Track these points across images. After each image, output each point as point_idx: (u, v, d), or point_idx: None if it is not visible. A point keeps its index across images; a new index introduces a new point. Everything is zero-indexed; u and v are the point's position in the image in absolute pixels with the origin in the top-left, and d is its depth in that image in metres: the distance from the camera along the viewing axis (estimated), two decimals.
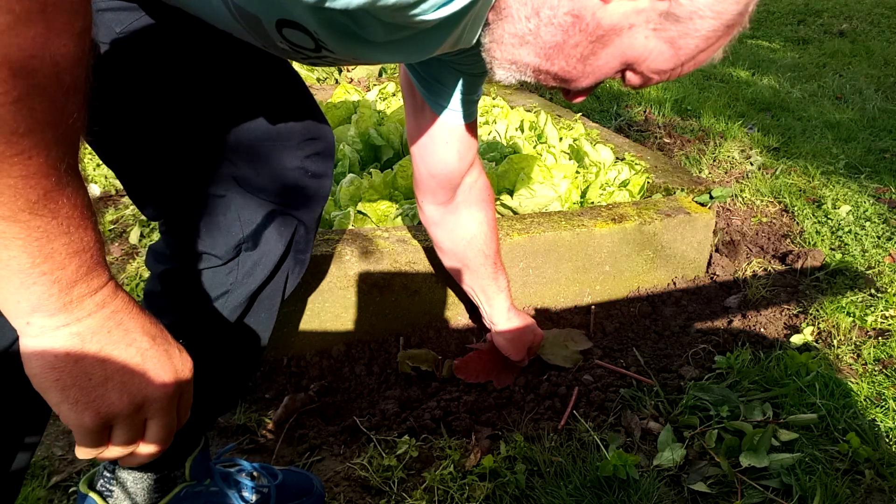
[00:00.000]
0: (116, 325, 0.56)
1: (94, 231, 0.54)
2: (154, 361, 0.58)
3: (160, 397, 0.59)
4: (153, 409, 0.59)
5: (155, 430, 0.61)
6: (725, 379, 1.55)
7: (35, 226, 0.49)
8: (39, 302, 0.51)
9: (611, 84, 3.95)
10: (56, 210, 0.49)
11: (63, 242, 0.51)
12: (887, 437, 1.39)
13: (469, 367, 1.61)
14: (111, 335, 0.56)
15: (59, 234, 0.50)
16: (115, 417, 0.57)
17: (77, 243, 0.52)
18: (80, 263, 0.53)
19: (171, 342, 0.61)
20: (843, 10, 5.88)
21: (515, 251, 1.77)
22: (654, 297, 1.95)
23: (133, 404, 0.58)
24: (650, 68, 0.79)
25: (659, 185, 2.25)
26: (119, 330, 0.56)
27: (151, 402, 0.59)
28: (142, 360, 0.57)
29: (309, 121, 0.98)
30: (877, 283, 1.96)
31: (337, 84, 3.49)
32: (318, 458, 1.37)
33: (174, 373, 0.60)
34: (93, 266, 0.54)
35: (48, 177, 0.48)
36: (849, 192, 2.53)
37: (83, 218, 0.52)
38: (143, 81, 0.85)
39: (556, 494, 1.23)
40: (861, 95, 3.76)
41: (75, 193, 0.51)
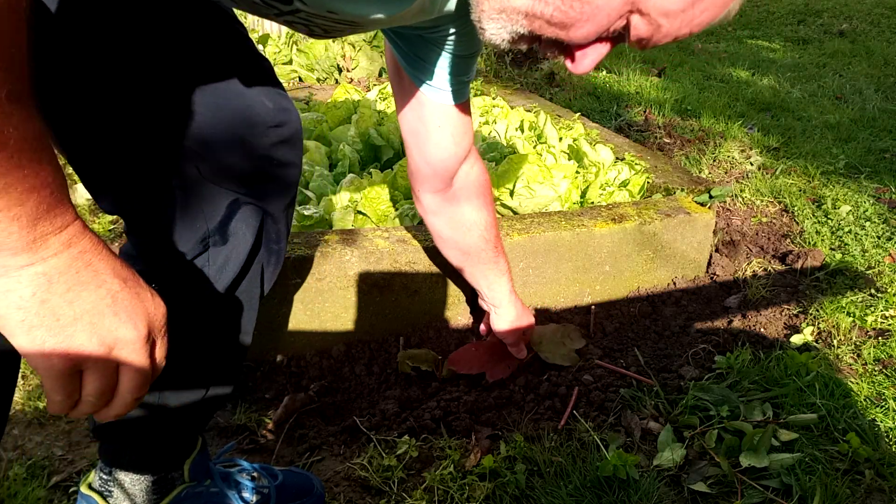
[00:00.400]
0: (85, 266, 0.55)
1: (52, 166, 0.52)
2: (125, 303, 0.57)
3: (132, 339, 0.58)
4: (125, 353, 0.58)
5: (129, 377, 0.59)
6: (725, 379, 1.55)
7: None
8: (1, 241, 0.50)
9: (611, 84, 3.95)
10: (2, 142, 0.47)
11: (16, 177, 0.48)
12: (887, 437, 1.39)
13: (462, 359, 1.61)
14: (79, 276, 0.54)
15: (11, 167, 0.48)
16: (85, 361, 0.56)
17: (33, 178, 0.50)
18: (40, 200, 0.51)
19: (142, 286, 0.60)
20: (843, 10, 5.88)
21: (515, 251, 1.77)
22: (654, 297, 1.95)
23: (104, 345, 0.56)
24: (658, 9, 0.71)
25: (659, 185, 2.25)
26: (88, 271, 0.55)
27: (123, 344, 0.57)
28: (112, 301, 0.56)
29: (274, 106, 0.92)
30: (877, 283, 1.96)
31: (337, 84, 3.49)
32: (318, 458, 1.37)
33: (146, 315, 0.59)
34: (54, 203, 0.52)
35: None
36: (849, 192, 2.53)
37: (36, 151, 0.50)
38: (94, 53, 0.78)
39: (556, 494, 1.23)
40: (861, 95, 3.76)
41: (23, 125, 0.49)
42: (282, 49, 3.77)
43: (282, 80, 3.09)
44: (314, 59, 3.64)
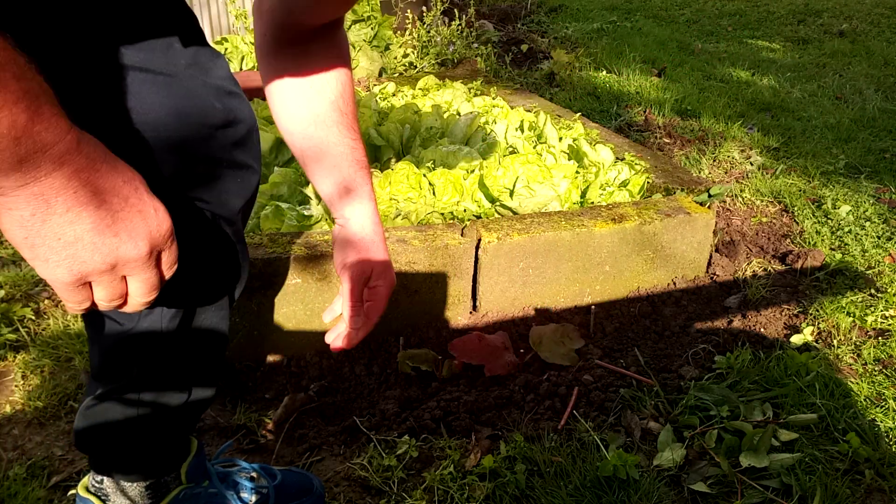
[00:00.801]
0: (83, 185, 0.54)
1: (29, 79, 0.50)
2: (126, 223, 0.57)
3: (134, 257, 0.58)
4: (129, 268, 0.59)
5: (136, 286, 0.61)
6: (725, 379, 1.55)
7: None
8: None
9: (611, 84, 3.95)
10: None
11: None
12: (887, 437, 1.39)
13: (464, 347, 1.62)
14: (77, 195, 0.54)
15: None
16: (88, 275, 0.57)
17: (6, 92, 0.48)
18: (13, 117, 0.48)
19: (145, 201, 0.59)
20: (843, 10, 5.88)
21: (515, 251, 1.77)
22: (654, 297, 1.95)
23: (105, 263, 0.57)
24: None
25: (659, 185, 2.25)
26: (86, 190, 0.54)
27: (125, 261, 0.58)
28: (112, 220, 0.56)
29: (223, 106, 0.84)
30: (877, 283, 1.96)
31: None
32: (318, 458, 1.37)
33: (147, 233, 0.59)
34: (37, 118, 0.50)
35: None
36: (849, 192, 2.53)
37: (7, 63, 0.48)
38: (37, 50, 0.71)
39: (556, 494, 1.23)
40: (861, 95, 3.76)
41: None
42: None
43: None
44: None
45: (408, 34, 4.09)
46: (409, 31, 4.09)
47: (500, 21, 5.17)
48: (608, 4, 6.10)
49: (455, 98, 2.91)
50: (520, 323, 1.82)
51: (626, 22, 5.52)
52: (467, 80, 3.43)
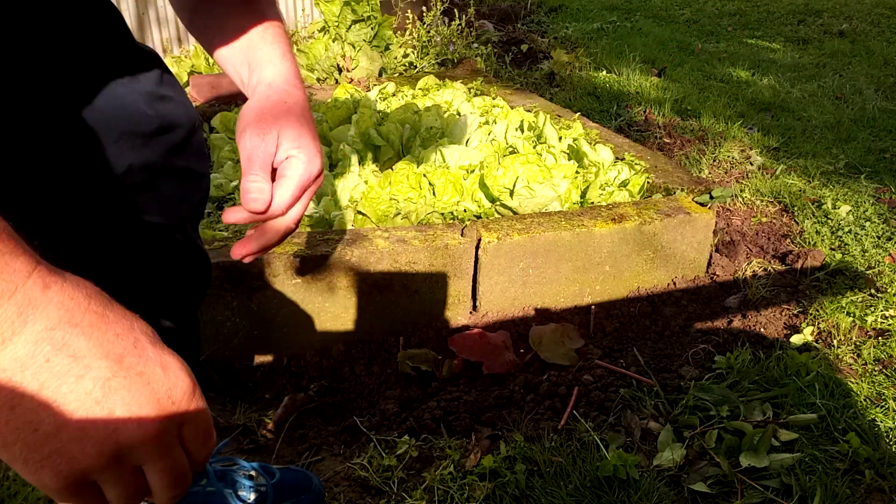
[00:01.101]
0: (56, 350, 0.40)
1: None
2: (122, 394, 0.42)
3: (141, 441, 0.43)
4: (137, 456, 0.44)
5: (155, 478, 0.45)
6: (725, 379, 1.55)
7: None
8: None
9: (611, 84, 3.95)
10: None
11: None
12: (887, 437, 1.39)
13: (464, 344, 1.62)
14: (51, 365, 0.40)
15: None
16: (87, 474, 0.42)
17: None
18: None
19: (148, 357, 0.44)
20: (843, 10, 5.88)
21: (515, 251, 1.77)
22: (654, 297, 1.95)
23: (104, 456, 0.42)
24: None
25: (659, 185, 2.25)
26: (62, 356, 0.40)
27: (130, 448, 0.43)
28: (102, 394, 0.42)
29: (154, 113, 0.77)
30: (877, 283, 1.96)
31: (337, 84, 3.49)
32: (318, 458, 1.37)
33: (156, 403, 0.44)
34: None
35: None
36: (849, 192, 2.53)
37: None
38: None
39: (556, 494, 1.23)
40: (861, 95, 3.76)
41: None
42: None
43: None
44: (314, 59, 3.64)
45: (408, 34, 4.09)
46: (409, 31, 4.09)
47: (500, 21, 5.17)
48: (608, 4, 6.09)
49: (455, 98, 2.91)
50: (520, 323, 1.82)
51: (626, 22, 5.52)
52: (467, 80, 3.43)
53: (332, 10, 3.65)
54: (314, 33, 4.01)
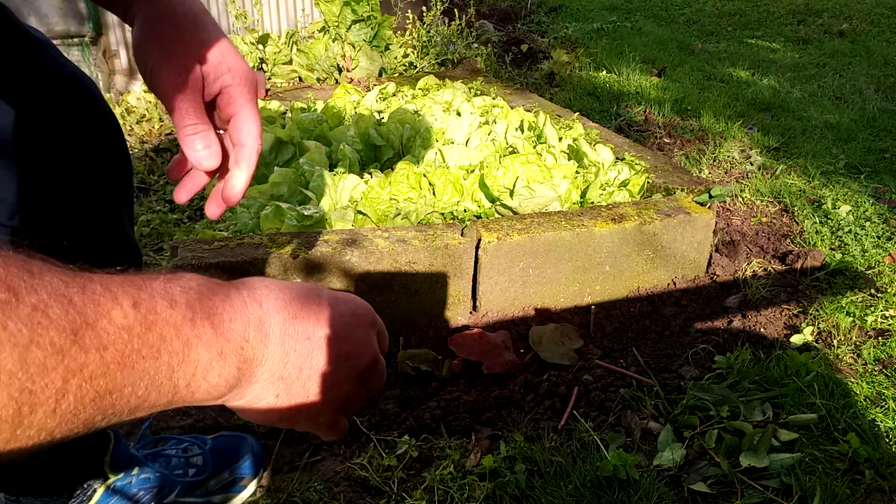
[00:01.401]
0: (293, 348, 0.51)
1: (166, 302, 0.43)
2: (345, 340, 0.54)
3: (372, 357, 0.57)
4: (367, 372, 0.58)
5: (374, 381, 0.59)
6: (725, 379, 1.55)
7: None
8: (209, 389, 0.46)
9: (611, 84, 3.95)
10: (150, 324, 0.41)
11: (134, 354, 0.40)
12: (887, 437, 1.39)
13: (464, 343, 1.62)
14: (295, 359, 0.51)
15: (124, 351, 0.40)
16: (346, 404, 0.57)
17: (150, 337, 0.41)
18: (184, 342, 0.43)
19: (329, 305, 0.55)
20: (843, 10, 5.87)
21: (515, 251, 1.77)
22: (654, 297, 1.95)
23: (354, 382, 0.56)
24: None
25: (659, 185, 2.25)
26: (300, 350, 0.52)
27: (362, 371, 0.57)
28: (336, 350, 0.54)
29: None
30: (877, 283, 1.96)
31: (337, 84, 3.49)
32: (318, 458, 1.37)
33: (364, 324, 0.57)
34: (206, 323, 0.45)
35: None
36: (849, 192, 2.53)
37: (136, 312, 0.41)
38: None
39: (556, 494, 1.23)
40: (861, 95, 3.76)
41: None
42: (282, 49, 3.77)
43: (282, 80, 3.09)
44: (314, 59, 3.64)
45: (408, 34, 4.09)
46: (409, 31, 4.09)
47: (500, 21, 5.17)
48: (608, 4, 6.09)
49: (455, 98, 2.91)
50: (520, 323, 1.82)
51: (626, 22, 5.52)
52: (467, 80, 3.43)
53: (332, 10, 3.65)
54: (314, 33, 4.01)
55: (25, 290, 0.34)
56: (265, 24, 4.27)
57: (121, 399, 0.39)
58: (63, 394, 0.35)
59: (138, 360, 0.40)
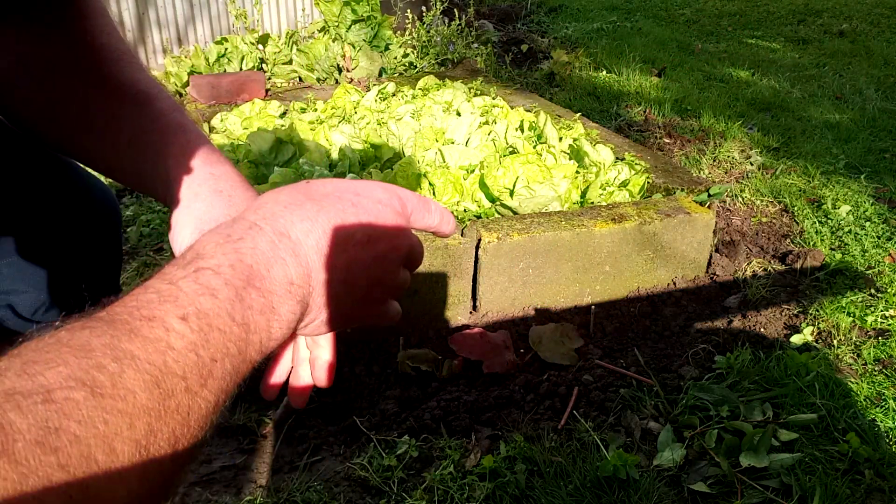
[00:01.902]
0: (330, 266, 0.51)
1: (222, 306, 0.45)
2: (376, 243, 0.54)
3: (404, 249, 0.57)
4: (412, 254, 0.59)
5: (413, 260, 0.60)
6: (725, 379, 1.55)
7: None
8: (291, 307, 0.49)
9: (611, 84, 3.95)
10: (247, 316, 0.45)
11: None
12: (887, 437, 1.39)
13: (465, 342, 1.62)
14: (334, 276, 0.52)
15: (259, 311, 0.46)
16: (394, 290, 0.59)
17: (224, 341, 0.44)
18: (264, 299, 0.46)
19: (353, 215, 0.53)
20: (843, 10, 5.87)
21: (515, 251, 1.77)
22: (654, 297, 1.95)
23: (395, 273, 0.57)
24: None
25: (659, 185, 2.25)
26: (337, 267, 0.52)
27: (400, 257, 0.57)
28: (374, 251, 0.54)
29: None
30: (877, 283, 1.96)
31: (337, 84, 3.49)
32: (318, 458, 1.37)
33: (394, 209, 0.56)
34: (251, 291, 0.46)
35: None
36: (849, 192, 2.53)
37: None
38: None
39: (556, 494, 1.23)
40: (861, 95, 3.76)
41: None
42: (282, 49, 3.77)
43: (282, 80, 3.09)
44: (314, 59, 3.64)
45: (408, 34, 4.09)
46: (409, 31, 4.09)
47: (500, 21, 5.17)
48: (608, 4, 6.09)
49: (455, 98, 2.91)
50: (520, 323, 1.82)
51: (626, 22, 5.52)
52: (467, 80, 3.43)
53: (332, 10, 3.65)
54: (314, 33, 4.01)
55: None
56: (265, 24, 4.27)
57: (208, 405, 0.43)
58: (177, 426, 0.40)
59: (213, 367, 0.42)
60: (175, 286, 0.43)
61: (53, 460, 0.33)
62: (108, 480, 0.35)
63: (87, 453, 0.35)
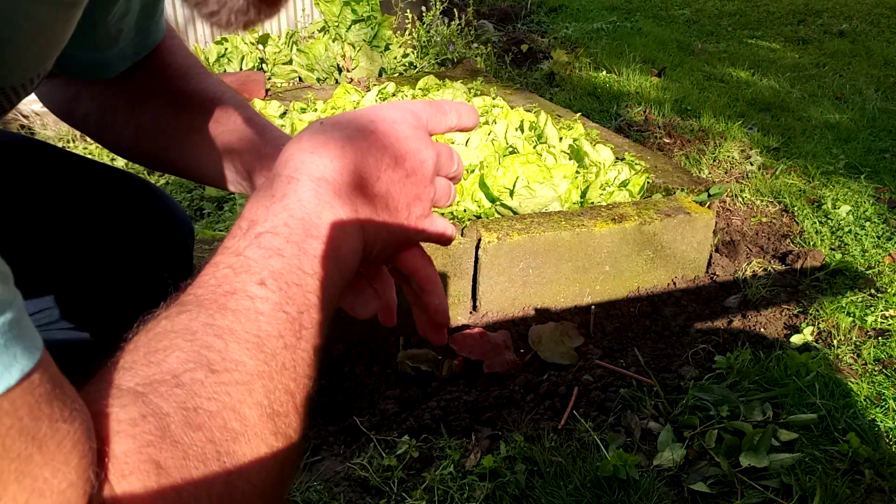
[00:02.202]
0: (372, 197, 0.53)
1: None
2: (402, 165, 0.54)
3: (432, 164, 0.56)
4: (441, 164, 0.58)
5: (446, 167, 0.59)
6: (725, 379, 1.55)
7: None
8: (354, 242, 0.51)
9: (611, 84, 3.95)
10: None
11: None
12: (887, 437, 1.39)
13: (465, 342, 1.62)
14: (377, 204, 0.53)
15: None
16: (439, 200, 0.59)
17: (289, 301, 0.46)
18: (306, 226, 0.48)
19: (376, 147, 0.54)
20: (843, 10, 5.87)
21: (515, 251, 1.77)
22: (654, 297, 1.95)
23: (431, 188, 0.57)
24: None
25: (659, 185, 2.25)
26: (375, 197, 0.53)
27: (432, 173, 0.57)
28: (402, 173, 0.54)
29: None
30: (877, 283, 1.96)
31: (337, 84, 3.49)
32: (318, 458, 1.37)
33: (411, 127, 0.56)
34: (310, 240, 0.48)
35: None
36: (849, 192, 2.53)
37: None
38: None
39: (556, 494, 1.23)
40: (861, 95, 3.76)
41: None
42: (282, 49, 3.77)
43: (282, 80, 3.10)
44: (314, 59, 3.64)
45: (407, 34, 4.09)
46: (409, 31, 4.09)
47: (500, 21, 5.17)
48: (608, 4, 6.09)
49: (455, 98, 2.91)
50: (520, 323, 1.82)
51: (626, 22, 5.52)
52: (467, 80, 3.43)
53: (332, 10, 3.65)
54: (314, 33, 4.01)
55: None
56: (265, 24, 4.27)
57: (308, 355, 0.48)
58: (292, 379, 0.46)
59: (301, 319, 0.45)
60: (243, 256, 0.45)
61: (202, 436, 0.37)
62: (248, 443, 0.39)
63: (224, 424, 0.38)
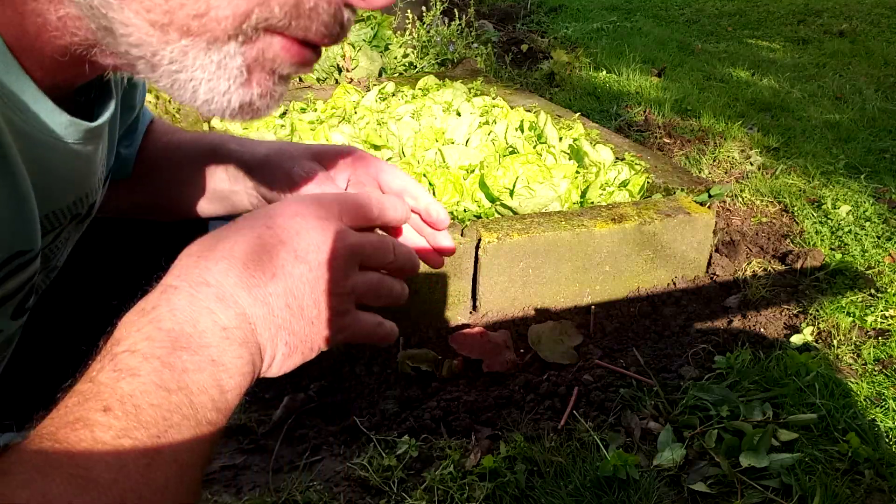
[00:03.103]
0: (266, 302, 0.49)
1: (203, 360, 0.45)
2: (308, 259, 0.51)
3: (345, 255, 0.52)
4: (367, 256, 0.54)
5: (372, 257, 0.56)
6: (725, 379, 1.55)
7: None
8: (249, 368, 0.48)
9: (611, 84, 3.95)
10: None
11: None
12: (887, 437, 1.39)
13: (465, 341, 1.62)
14: (275, 311, 0.50)
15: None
16: (365, 296, 0.55)
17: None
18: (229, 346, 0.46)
19: (279, 242, 0.51)
20: (843, 10, 5.87)
21: (515, 251, 1.77)
22: (654, 297, 1.95)
23: (355, 280, 0.54)
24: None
25: (659, 185, 2.25)
26: (274, 298, 0.50)
27: (349, 263, 0.53)
28: (312, 274, 0.51)
29: None
30: (877, 283, 1.96)
31: (337, 84, 3.49)
32: (318, 458, 1.38)
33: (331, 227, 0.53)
34: (181, 354, 0.45)
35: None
36: (849, 192, 2.53)
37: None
38: None
39: (556, 494, 1.23)
40: (861, 95, 3.76)
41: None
42: None
43: None
44: None
45: (407, 34, 4.09)
46: (409, 31, 4.09)
47: (500, 21, 5.17)
48: (608, 4, 6.09)
49: (455, 98, 2.91)
50: (520, 323, 1.82)
51: (626, 22, 5.52)
52: (467, 80, 3.43)
53: None
54: None
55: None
56: None
57: (167, 477, 0.42)
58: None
59: (158, 442, 0.41)
60: (93, 382, 0.42)
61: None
62: None
63: None
